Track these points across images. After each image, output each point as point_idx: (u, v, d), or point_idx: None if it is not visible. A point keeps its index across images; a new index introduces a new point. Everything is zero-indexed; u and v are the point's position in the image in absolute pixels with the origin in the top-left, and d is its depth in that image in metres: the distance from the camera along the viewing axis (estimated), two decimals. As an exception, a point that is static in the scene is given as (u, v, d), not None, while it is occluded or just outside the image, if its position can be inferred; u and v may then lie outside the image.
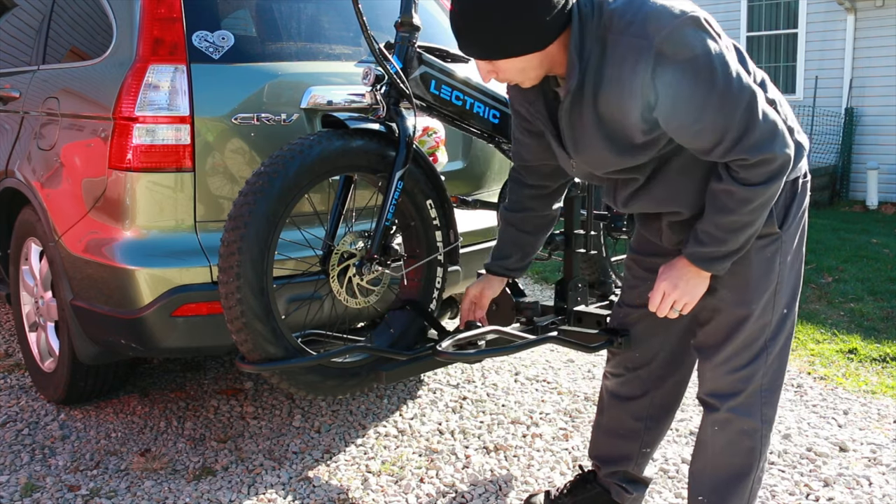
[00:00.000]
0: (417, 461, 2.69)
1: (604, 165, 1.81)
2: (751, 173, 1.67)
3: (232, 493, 2.46)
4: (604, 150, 1.76)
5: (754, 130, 1.63)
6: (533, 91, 1.86)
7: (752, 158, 1.64)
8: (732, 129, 1.62)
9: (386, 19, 2.90)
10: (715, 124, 1.62)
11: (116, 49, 2.62)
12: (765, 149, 1.64)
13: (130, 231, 2.47)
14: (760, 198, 1.69)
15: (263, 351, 2.00)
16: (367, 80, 2.22)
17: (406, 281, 2.38)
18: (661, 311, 1.88)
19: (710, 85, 1.59)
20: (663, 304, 1.87)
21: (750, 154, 1.64)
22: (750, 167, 1.66)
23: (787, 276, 1.89)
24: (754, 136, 1.63)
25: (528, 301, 2.46)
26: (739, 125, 1.62)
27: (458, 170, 3.16)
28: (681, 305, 1.86)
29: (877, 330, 4.25)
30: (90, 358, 2.77)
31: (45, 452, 2.71)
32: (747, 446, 1.96)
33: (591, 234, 2.63)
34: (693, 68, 1.58)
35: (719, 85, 1.59)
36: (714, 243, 1.76)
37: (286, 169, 1.99)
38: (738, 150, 1.64)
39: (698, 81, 1.58)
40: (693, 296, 1.84)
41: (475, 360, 2.52)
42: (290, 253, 2.35)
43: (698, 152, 1.71)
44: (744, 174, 1.68)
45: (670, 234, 1.94)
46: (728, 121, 1.61)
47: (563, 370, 3.58)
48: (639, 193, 1.86)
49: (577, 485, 2.30)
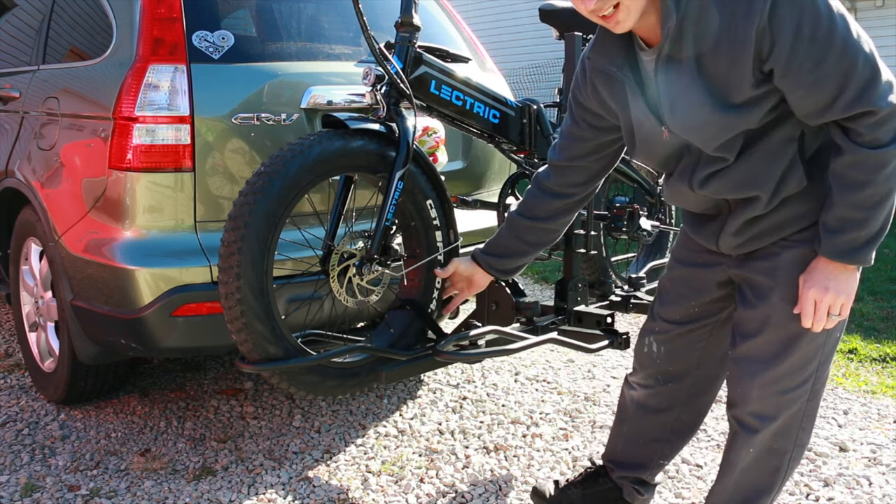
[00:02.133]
0: (417, 461, 2.69)
1: (701, 128, 1.67)
2: (880, 131, 1.53)
3: (232, 493, 2.46)
4: (705, 107, 1.63)
5: (879, 79, 1.51)
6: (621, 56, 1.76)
7: (883, 109, 1.51)
8: (856, 75, 1.51)
9: (386, 19, 2.90)
10: (839, 69, 1.51)
11: (116, 49, 2.62)
12: (891, 99, 1.52)
13: (130, 231, 2.47)
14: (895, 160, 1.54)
15: (263, 351, 2.00)
16: (367, 80, 2.22)
17: (406, 281, 2.38)
18: (819, 323, 1.69)
19: (832, 27, 1.50)
20: (818, 314, 1.68)
21: (879, 103, 1.51)
22: (878, 123, 1.53)
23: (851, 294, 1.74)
24: (880, 84, 1.52)
25: (528, 301, 2.46)
26: (864, 71, 1.51)
27: (458, 170, 3.16)
28: (838, 308, 1.67)
29: (877, 330, 4.25)
30: (90, 358, 2.77)
31: (45, 452, 2.71)
32: (773, 465, 1.86)
33: (591, 234, 2.63)
34: (813, 9, 1.50)
35: (840, 29, 1.50)
36: (852, 228, 1.60)
37: (286, 169, 1.99)
38: (865, 99, 1.52)
39: (819, 23, 1.50)
40: (848, 292, 1.66)
41: (475, 360, 2.53)
42: (290, 253, 2.35)
43: (812, 113, 1.59)
44: (872, 134, 1.54)
45: (732, 237, 1.78)
46: (852, 65, 1.51)
47: (563, 370, 3.58)
48: (720, 174, 1.72)
49: (589, 478, 2.26)
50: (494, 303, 2.53)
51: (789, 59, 1.53)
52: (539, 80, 11.49)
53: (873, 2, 9.73)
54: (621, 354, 3.81)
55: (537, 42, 11.62)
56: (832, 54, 1.51)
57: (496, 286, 2.52)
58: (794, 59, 1.53)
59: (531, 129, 2.62)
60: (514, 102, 2.60)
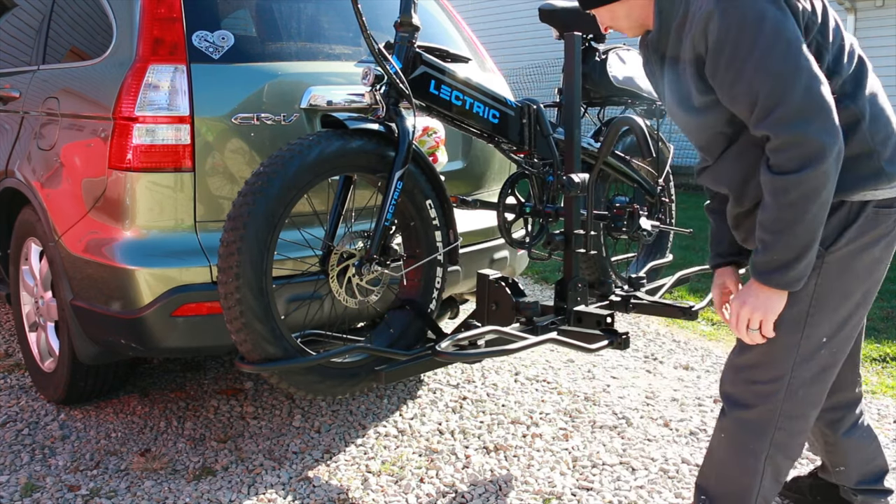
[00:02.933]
0: (417, 461, 2.70)
1: (683, 125, 1.84)
2: (780, 157, 1.58)
3: (232, 493, 2.46)
4: (679, 108, 1.79)
5: (787, 104, 1.55)
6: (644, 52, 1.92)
7: (779, 136, 1.57)
8: (764, 96, 1.57)
9: (386, 19, 2.90)
10: (750, 88, 1.58)
11: (116, 49, 2.62)
12: (795, 127, 1.55)
13: (130, 231, 2.48)
14: (796, 189, 1.58)
15: (263, 351, 2.01)
16: (366, 80, 2.22)
17: (406, 281, 2.38)
18: (739, 333, 1.78)
19: (751, 46, 1.56)
20: (737, 325, 1.77)
21: (776, 130, 1.57)
22: (778, 150, 1.59)
23: (828, 306, 1.76)
24: (785, 110, 1.56)
25: (528, 301, 2.45)
26: (773, 94, 1.56)
27: (458, 170, 3.16)
28: (755, 323, 1.74)
29: (877, 330, 4.25)
30: (90, 358, 2.77)
31: (45, 452, 2.71)
32: (751, 466, 1.86)
33: (591, 234, 2.63)
34: (739, 26, 1.57)
35: (760, 48, 1.56)
36: (765, 249, 1.67)
37: (285, 169, 2.00)
38: (767, 122, 1.58)
39: (741, 41, 1.57)
40: (764, 310, 1.72)
41: (475, 360, 2.53)
42: (289, 253, 2.35)
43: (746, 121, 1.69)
44: (774, 159, 1.60)
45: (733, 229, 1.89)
46: (761, 87, 1.57)
47: (563, 370, 3.58)
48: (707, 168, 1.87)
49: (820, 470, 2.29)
50: (494, 303, 2.53)
51: (713, 72, 1.63)
52: (539, 80, 11.49)
53: (873, 2, 9.72)
54: (621, 354, 3.81)
55: (537, 42, 11.62)
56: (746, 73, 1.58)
57: (496, 286, 2.52)
58: (717, 72, 1.63)
59: (531, 129, 2.62)
60: (513, 102, 2.60)
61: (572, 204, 2.59)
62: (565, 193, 2.56)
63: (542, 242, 2.68)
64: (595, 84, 2.96)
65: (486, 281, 2.55)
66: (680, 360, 3.77)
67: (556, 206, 2.67)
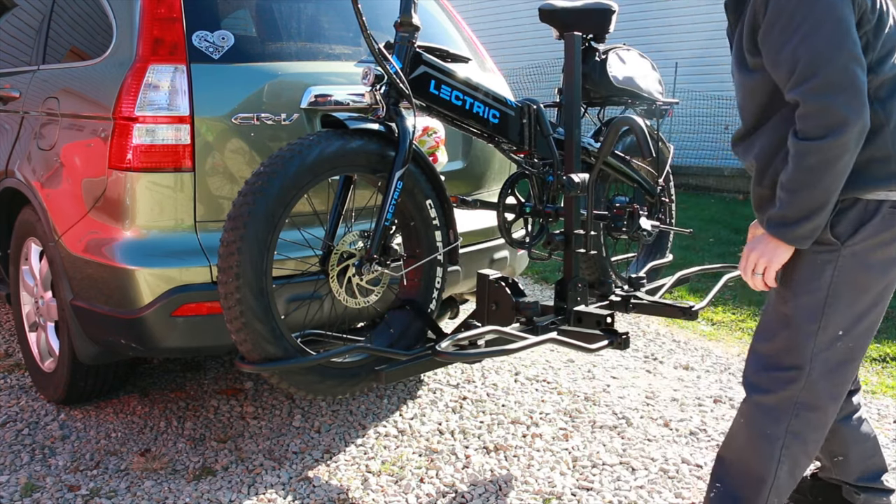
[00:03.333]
0: (417, 461, 2.70)
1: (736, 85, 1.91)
2: (806, 124, 1.68)
3: (232, 493, 2.46)
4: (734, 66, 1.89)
5: (822, 77, 1.65)
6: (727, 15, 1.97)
7: (808, 103, 1.67)
8: (803, 65, 1.66)
9: (386, 19, 2.90)
10: (793, 55, 1.67)
11: (116, 49, 2.62)
12: (824, 97, 1.65)
13: (130, 231, 2.48)
14: (815, 155, 1.68)
15: (263, 351, 2.00)
16: (366, 80, 2.22)
17: (406, 281, 2.38)
18: (745, 275, 1.90)
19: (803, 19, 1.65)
20: (746, 267, 1.89)
21: (807, 97, 1.67)
22: (806, 116, 1.68)
23: (845, 299, 1.83)
24: (819, 81, 1.65)
25: (528, 301, 2.45)
26: (811, 64, 1.65)
27: (458, 170, 3.16)
28: (761, 268, 1.85)
29: (877, 330, 4.25)
30: (90, 358, 2.77)
31: (45, 452, 2.71)
32: (766, 452, 1.90)
33: (591, 234, 2.63)
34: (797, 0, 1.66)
35: (810, 22, 1.65)
36: (781, 207, 1.77)
37: (285, 169, 1.99)
38: (800, 89, 1.68)
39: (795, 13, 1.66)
40: (769, 257, 1.83)
41: (475, 360, 2.53)
42: (289, 253, 2.35)
43: None
44: (801, 125, 1.70)
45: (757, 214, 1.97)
46: (802, 56, 1.66)
47: (563, 370, 3.57)
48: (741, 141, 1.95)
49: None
50: (494, 303, 2.53)
51: (764, 37, 1.73)
52: (539, 80, 11.48)
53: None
54: (621, 354, 3.81)
55: (537, 42, 11.60)
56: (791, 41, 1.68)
57: (496, 286, 2.52)
58: (767, 38, 1.72)
59: (531, 129, 2.62)
60: (513, 102, 2.60)
61: (572, 204, 2.59)
62: (565, 193, 2.56)
63: (542, 242, 2.68)
64: (595, 84, 2.96)
65: (486, 281, 2.55)
66: (680, 360, 3.77)
67: (556, 206, 2.67)
